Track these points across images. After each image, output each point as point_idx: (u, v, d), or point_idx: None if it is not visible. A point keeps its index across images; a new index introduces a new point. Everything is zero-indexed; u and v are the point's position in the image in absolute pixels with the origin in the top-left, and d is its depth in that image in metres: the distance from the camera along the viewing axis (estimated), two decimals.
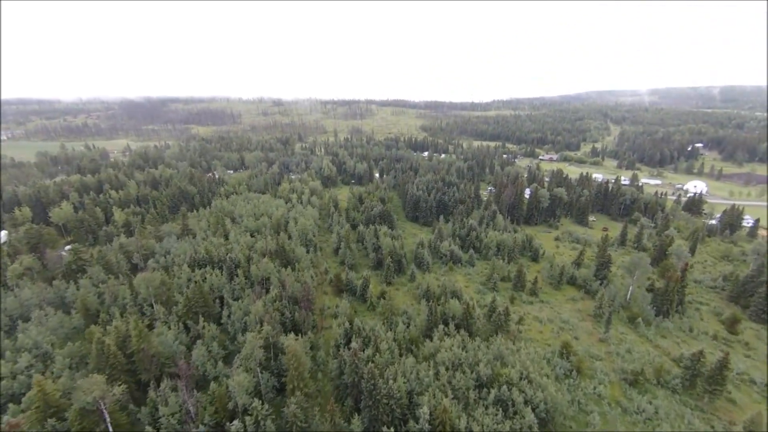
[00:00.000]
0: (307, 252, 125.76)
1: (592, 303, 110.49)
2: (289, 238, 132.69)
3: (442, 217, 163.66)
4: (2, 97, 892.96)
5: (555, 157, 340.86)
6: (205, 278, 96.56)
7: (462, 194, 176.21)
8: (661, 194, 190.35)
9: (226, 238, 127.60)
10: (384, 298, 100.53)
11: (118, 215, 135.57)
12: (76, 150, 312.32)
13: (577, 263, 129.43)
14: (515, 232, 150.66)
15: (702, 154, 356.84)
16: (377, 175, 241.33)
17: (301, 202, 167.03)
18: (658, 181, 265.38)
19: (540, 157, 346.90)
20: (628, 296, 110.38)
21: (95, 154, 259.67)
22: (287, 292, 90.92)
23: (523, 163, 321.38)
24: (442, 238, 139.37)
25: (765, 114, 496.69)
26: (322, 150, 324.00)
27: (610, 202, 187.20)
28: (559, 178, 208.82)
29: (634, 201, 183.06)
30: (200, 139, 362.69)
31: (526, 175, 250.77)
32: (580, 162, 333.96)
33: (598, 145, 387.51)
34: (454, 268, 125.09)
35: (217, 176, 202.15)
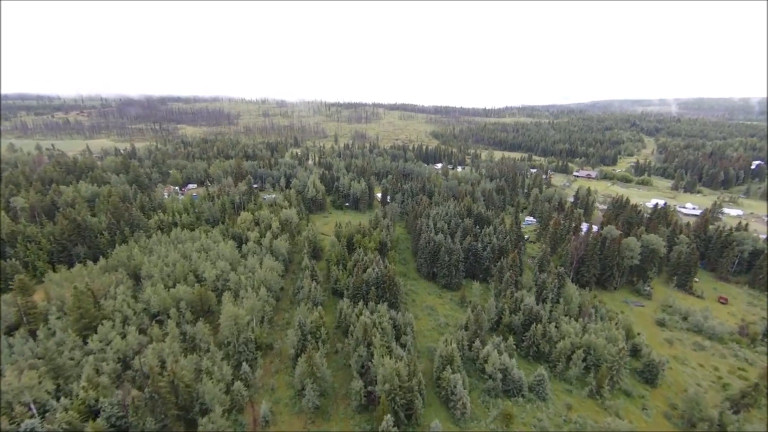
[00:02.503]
0: (237, 371, 65.40)
1: None
2: (215, 332, 72.75)
3: (476, 282, 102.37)
4: (2, 92, 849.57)
5: (593, 174, 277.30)
6: None
7: (502, 240, 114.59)
8: None
9: (93, 334, 67.61)
10: None
11: None
12: (24, 152, 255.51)
13: (736, 404, 67.42)
14: (597, 314, 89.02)
15: None
16: (379, 195, 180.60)
17: (261, 246, 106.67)
18: (739, 212, 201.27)
19: (575, 174, 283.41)
20: None
21: (28, 158, 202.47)
22: None
23: (557, 180, 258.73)
24: (481, 332, 78.24)
25: None
26: (316, 158, 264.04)
27: (717, 252, 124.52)
28: (630, 213, 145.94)
29: (756, 254, 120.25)
30: (177, 142, 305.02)
31: (571, 199, 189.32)
32: (625, 181, 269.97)
33: (640, 160, 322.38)
34: (512, 412, 63.68)
35: (157, 197, 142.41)
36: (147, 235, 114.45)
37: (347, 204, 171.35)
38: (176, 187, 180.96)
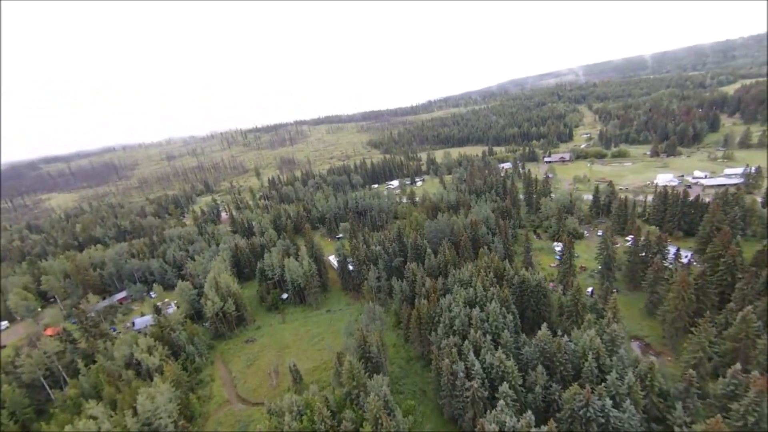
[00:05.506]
0: None
1: None
2: None
3: None
4: None
5: (567, 156, 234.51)
6: None
7: (622, 368, 52.14)
8: None
9: None
10: None
11: None
12: None
13: None
14: None
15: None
16: (334, 261, 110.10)
17: None
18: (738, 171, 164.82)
19: (546, 159, 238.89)
20: None
21: None
22: None
23: (535, 171, 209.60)
24: None
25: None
26: (230, 210, 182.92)
27: None
28: (716, 214, 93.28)
29: None
30: (19, 227, 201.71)
31: (589, 197, 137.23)
32: (600, 157, 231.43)
33: (601, 130, 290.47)
34: None
35: None
36: None
37: (285, 297, 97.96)
38: None
